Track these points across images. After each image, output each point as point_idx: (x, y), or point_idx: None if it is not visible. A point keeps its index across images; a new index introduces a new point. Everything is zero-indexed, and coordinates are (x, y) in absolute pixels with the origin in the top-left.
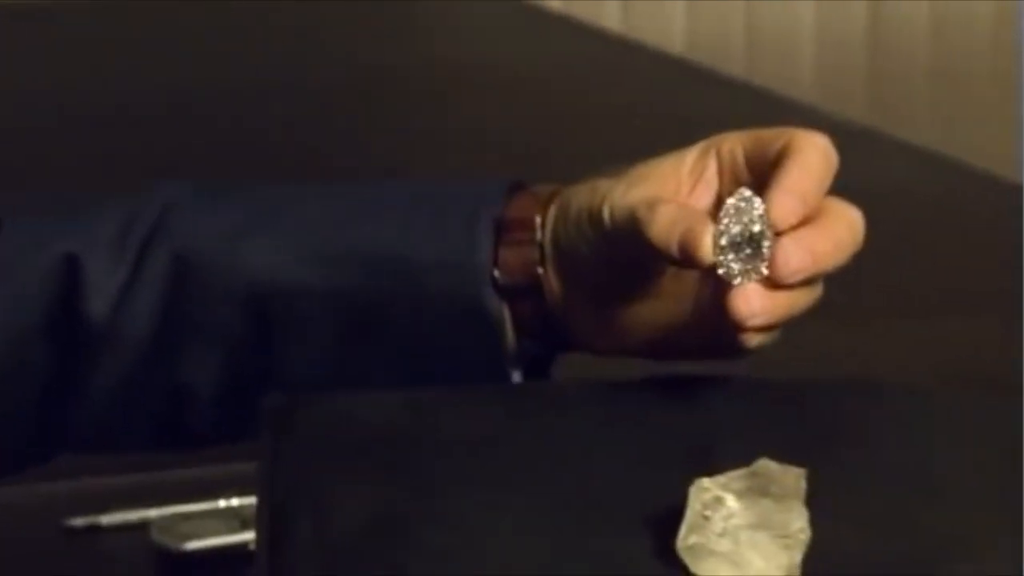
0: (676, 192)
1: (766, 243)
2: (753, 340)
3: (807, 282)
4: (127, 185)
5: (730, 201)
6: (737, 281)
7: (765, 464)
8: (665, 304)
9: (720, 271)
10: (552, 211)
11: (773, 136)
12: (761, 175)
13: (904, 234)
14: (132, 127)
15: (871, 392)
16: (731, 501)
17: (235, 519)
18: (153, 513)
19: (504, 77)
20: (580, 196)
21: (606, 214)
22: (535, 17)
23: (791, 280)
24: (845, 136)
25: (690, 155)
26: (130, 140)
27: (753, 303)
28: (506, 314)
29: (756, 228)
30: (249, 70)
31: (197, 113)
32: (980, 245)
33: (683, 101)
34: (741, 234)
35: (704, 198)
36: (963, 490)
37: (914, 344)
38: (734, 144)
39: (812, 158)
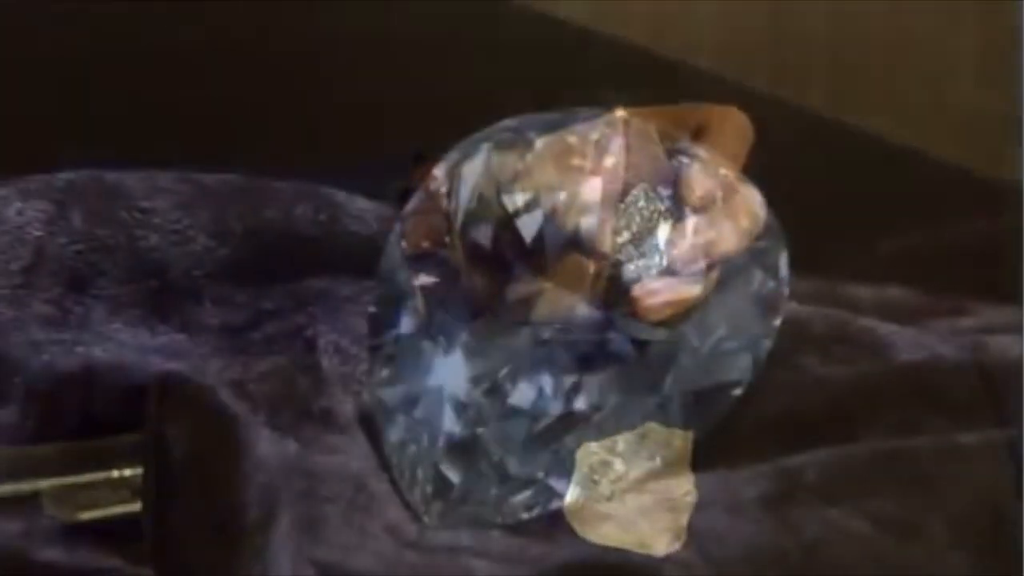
0: (582, 166)
1: (662, 238)
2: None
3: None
4: None
5: (629, 196)
6: (627, 272)
7: (652, 428)
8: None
9: (619, 257)
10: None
11: (688, 113)
12: (676, 151)
13: (799, 190)
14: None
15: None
16: (618, 464)
17: (126, 489)
18: (44, 483)
19: (386, 43)
20: None
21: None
22: None
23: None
24: (748, 103)
25: (596, 129)
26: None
27: (651, 297)
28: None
29: (651, 224)
30: (151, 35)
31: (92, 78)
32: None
33: (589, 69)
34: (639, 230)
35: (609, 173)
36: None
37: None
38: (645, 120)
39: (728, 134)
